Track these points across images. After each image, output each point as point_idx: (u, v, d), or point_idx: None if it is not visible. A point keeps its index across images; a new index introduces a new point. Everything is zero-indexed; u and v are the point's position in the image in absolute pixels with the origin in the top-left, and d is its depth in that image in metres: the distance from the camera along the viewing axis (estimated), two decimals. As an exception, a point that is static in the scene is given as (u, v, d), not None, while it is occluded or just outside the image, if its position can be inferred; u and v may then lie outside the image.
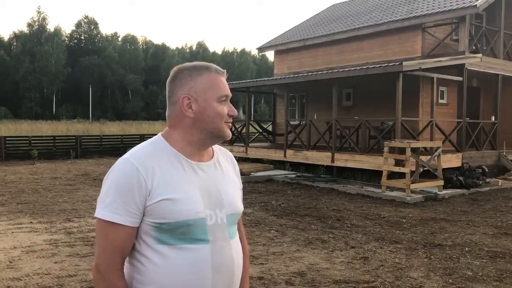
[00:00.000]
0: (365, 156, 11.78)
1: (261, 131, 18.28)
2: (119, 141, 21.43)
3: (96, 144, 20.69)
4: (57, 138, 20.01)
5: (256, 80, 17.96)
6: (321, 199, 9.89)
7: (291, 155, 14.01)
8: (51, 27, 74.36)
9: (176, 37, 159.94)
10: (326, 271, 5.12)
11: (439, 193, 10.27)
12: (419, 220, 7.88)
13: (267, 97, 47.04)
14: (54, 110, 66.53)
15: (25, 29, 74.53)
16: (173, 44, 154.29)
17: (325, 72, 13.80)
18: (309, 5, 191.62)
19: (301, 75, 14.60)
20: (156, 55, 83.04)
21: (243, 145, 15.95)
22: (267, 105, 68.92)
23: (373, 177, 11.67)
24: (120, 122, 45.13)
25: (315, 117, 15.99)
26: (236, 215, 1.59)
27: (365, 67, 12.34)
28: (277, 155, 14.56)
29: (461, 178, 11.19)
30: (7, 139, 18.75)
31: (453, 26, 13.81)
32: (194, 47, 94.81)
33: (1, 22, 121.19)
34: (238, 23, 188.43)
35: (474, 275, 5.03)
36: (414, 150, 10.34)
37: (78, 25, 79.84)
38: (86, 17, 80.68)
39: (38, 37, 69.92)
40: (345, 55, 15.82)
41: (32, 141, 18.95)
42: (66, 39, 76.72)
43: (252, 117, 57.10)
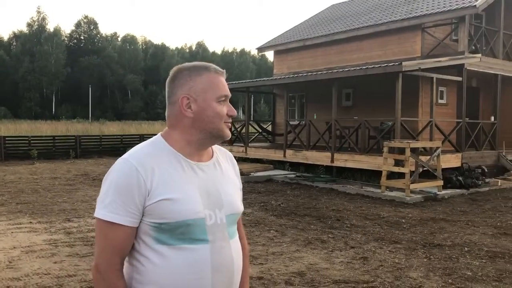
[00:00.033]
0: (364, 156, 11.79)
1: (260, 131, 18.28)
2: (119, 141, 21.42)
3: (95, 144, 20.68)
4: (56, 138, 19.99)
5: (255, 80, 17.96)
6: (320, 199, 9.89)
7: (290, 155, 14.02)
8: (50, 27, 74.43)
9: (175, 37, 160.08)
10: (325, 271, 5.12)
11: (438, 193, 10.27)
12: (419, 220, 7.89)
13: (267, 97, 47.06)
14: (53, 110, 66.52)
15: (24, 29, 74.56)
16: (173, 44, 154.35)
17: (325, 72, 13.81)
18: (308, 5, 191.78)
19: (300, 75, 14.60)
20: (155, 55, 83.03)
21: (243, 145, 15.95)
22: (267, 105, 68.94)
23: (372, 177, 11.67)
24: (119, 122, 45.10)
25: (315, 117, 15.99)
26: (235, 215, 1.59)
27: (364, 67, 12.34)
28: (277, 155, 14.57)
29: (461, 178, 11.19)
30: (7, 139, 18.74)
31: (452, 26, 13.82)
32: (193, 47, 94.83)
33: (0, 22, 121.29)
34: (237, 23, 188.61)
35: (473, 275, 5.03)
36: (413, 150, 10.35)
37: (77, 25, 79.85)
38: (85, 17, 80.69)
39: (37, 37, 69.88)
40: (344, 55, 15.83)
41: (31, 141, 18.94)
42: (65, 39, 76.70)
43: (251, 117, 57.23)
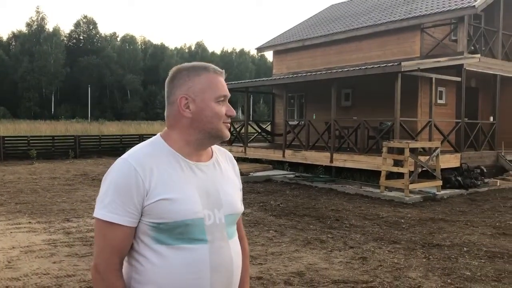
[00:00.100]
0: (363, 156, 11.79)
1: (260, 131, 18.29)
2: (118, 141, 21.41)
3: (95, 144, 20.67)
4: (55, 138, 19.96)
5: (255, 80, 17.96)
6: (319, 199, 9.90)
7: (290, 155, 14.02)
8: (50, 27, 74.36)
9: (175, 37, 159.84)
10: (324, 271, 5.12)
11: (437, 193, 10.28)
12: (418, 220, 7.89)
13: (266, 97, 47.09)
14: (53, 110, 66.48)
15: (23, 29, 74.51)
16: (172, 44, 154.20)
17: (324, 72, 13.82)
18: (308, 5, 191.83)
19: (300, 75, 14.61)
20: (155, 55, 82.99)
21: (242, 145, 15.95)
22: (266, 105, 68.96)
23: (371, 177, 11.67)
24: (119, 122, 45.05)
25: (314, 117, 15.99)
26: (235, 215, 1.59)
27: (364, 68, 12.35)
28: (276, 155, 14.57)
29: (460, 178, 11.20)
30: (6, 139, 18.73)
31: (451, 26, 13.83)
32: (193, 47, 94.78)
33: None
34: (237, 23, 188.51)
35: (472, 275, 5.04)
36: (412, 150, 10.35)
37: (77, 25, 79.76)
38: (85, 17, 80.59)
39: (37, 37, 69.83)
40: (344, 55, 15.83)
41: (30, 141, 18.93)
42: (65, 39, 76.61)
43: (251, 117, 57.23)
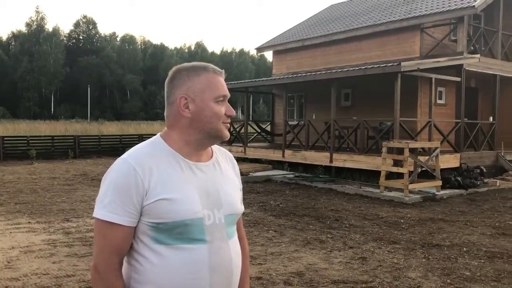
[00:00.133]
0: (363, 156, 11.79)
1: (259, 131, 18.29)
2: (118, 141, 21.40)
3: (94, 144, 20.66)
4: (55, 138, 19.95)
5: (254, 80, 17.96)
6: (319, 199, 9.90)
7: (289, 155, 14.02)
8: (49, 27, 74.41)
9: (174, 37, 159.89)
10: (324, 271, 5.12)
11: (437, 193, 10.28)
12: (417, 220, 7.89)
13: (266, 97, 47.10)
14: (52, 110, 66.47)
15: (23, 29, 74.51)
16: (172, 44, 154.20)
17: (324, 72, 13.82)
18: (308, 5, 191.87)
19: (299, 75, 14.61)
20: (154, 55, 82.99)
21: (242, 145, 15.95)
22: (266, 105, 68.96)
23: (371, 177, 11.67)
24: (118, 122, 45.04)
25: (314, 117, 16.00)
26: (235, 215, 1.59)
27: (363, 68, 12.35)
28: (276, 155, 14.57)
29: (459, 178, 11.20)
30: (5, 139, 18.73)
31: (451, 26, 13.83)
32: (192, 47, 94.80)
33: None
34: (236, 23, 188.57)
35: (472, 275, 5.04)
36: (412, 150, 10.35)
37: (76, 25, 79.77)
38: (84, 17, 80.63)
39: (36, 37, 69.84)
40: (343, 56, 15.83)
41: (30, 141, 18.92)
42: (64, 39, 76.63)
43: (250, 117, 57.22)
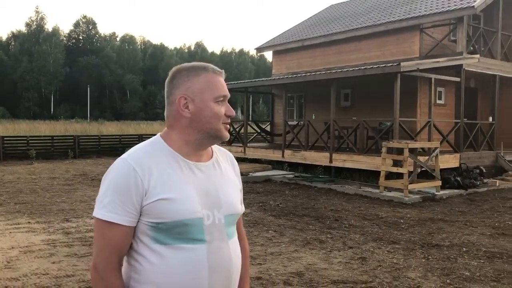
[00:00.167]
0: (363, 156, 11.80)
1: (259, 131, 18.29)
2: (117, 141, 21.38)
3: (94, 144, 20.64)
4: (55, 138, 19.94)
5: (254, 80, 17.96)
6: (319, 199, 9.90)
7: (289, 155, 14.02)
8: (49, 27, 74.49)
9: (174, 37, 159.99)
10: (324, 271, 5.12)
11: (436, 193, 10.28)
12: (417, 220, 7.90)
13: (266, 97, 47.10)
14: (52, 110, 66.46)
15: (23, 29, 74.55)
16: (172, 44, 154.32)
17: (323, 72, 13.82)
18: (307, 5, 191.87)
19: (299, 75, 14.61)
20: (154, 55, 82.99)
21: (241, 145, 15.95)
22: (265, 105, 68.97)
23: (371, 177, 11.68)
24: (118, 122, 45.04)
25: (313, 117, 16.00)
26: (235, 215, 1.59)
27: (363, 68, 12.35)
28: (275, 155, 14.57)
29: (459, 178, 11.20)
30: (5, 139, 18.71)
31: (451, 27, 13.84)
32: (192, 47, 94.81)
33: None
34: (236, 23, 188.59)
35: (471, 276, 5.04)
36: (412, 150, 10.36)
37: (76, 25, 79.78)
38: (84, 17, 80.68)
39: (36, 37, 69.84)
40: (343, 56, 15.84)
41: (30, 141, 18.91)
42: (64, 39, 76.64)
43: (250, 117, 57.19)
